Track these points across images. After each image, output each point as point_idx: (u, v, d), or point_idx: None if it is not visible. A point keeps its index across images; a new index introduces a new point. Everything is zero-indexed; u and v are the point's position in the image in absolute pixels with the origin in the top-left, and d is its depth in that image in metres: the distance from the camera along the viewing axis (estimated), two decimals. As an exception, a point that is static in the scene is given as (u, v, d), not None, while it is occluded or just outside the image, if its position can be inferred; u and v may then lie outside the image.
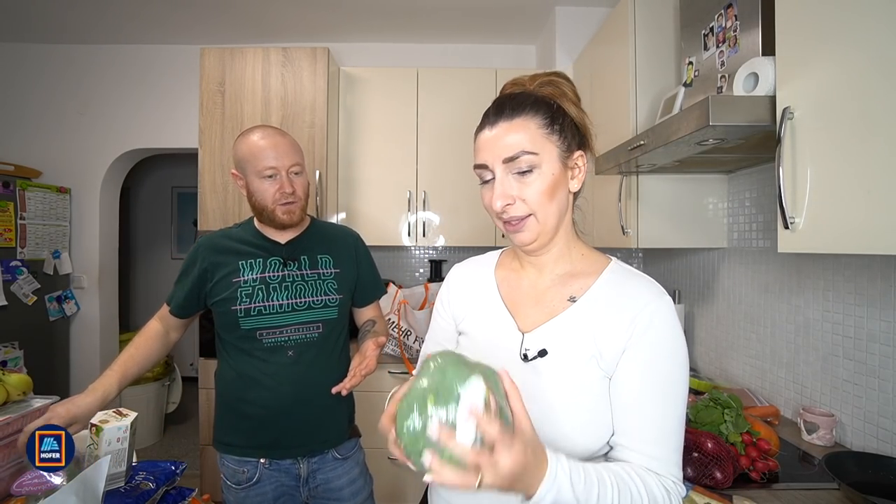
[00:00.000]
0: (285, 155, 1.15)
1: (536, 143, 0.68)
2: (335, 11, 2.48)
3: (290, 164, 1.16)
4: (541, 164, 0.68)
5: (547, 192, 0.69)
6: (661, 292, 0.69)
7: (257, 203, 1.18)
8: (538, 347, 0.71)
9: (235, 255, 1.19)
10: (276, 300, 1.17)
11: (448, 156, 2.47)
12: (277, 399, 1.17)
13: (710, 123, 1.00)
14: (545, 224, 0.71)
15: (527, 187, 0.69)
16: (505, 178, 0.69)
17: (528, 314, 0.75)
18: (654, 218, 1.73)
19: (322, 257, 1.25)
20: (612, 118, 1.86)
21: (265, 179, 1.15)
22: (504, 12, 2.47)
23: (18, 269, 2.44)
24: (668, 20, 1.69)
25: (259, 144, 1.14)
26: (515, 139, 0.68)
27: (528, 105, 0.70)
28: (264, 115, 2.25)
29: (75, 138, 2.78)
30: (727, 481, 1.03)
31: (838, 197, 0.84)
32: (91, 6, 2.39)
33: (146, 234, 4.73)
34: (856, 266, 1.25)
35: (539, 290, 0.76)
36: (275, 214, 1.17)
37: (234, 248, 1.20)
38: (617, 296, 0.70)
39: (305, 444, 1.20)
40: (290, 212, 1.18)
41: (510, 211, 0.70)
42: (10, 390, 1.00)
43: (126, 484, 0.90)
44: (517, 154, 0.68)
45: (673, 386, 0.66)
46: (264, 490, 1.19)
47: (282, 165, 1.15)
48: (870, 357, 1.20)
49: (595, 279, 0.73)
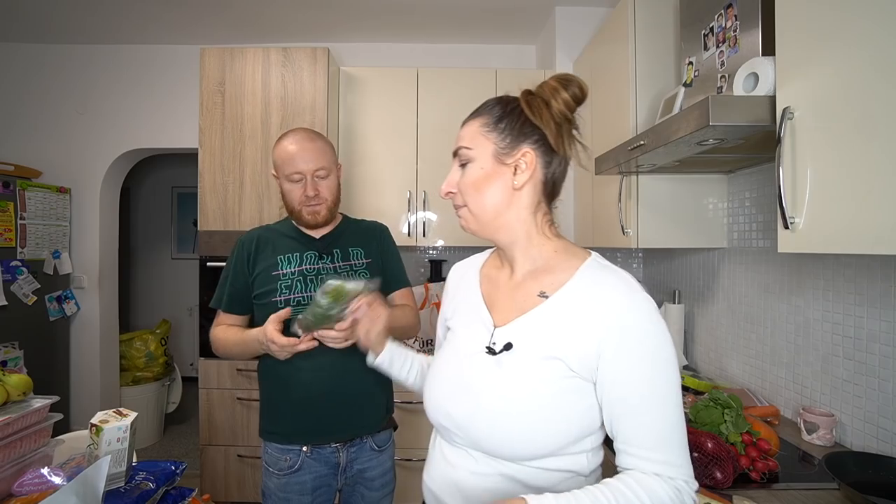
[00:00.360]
0: (311, 160, 1.23)
1: (474, 140, 0.76)
2: (335, 11, 2.48)
3: (316, 169, 1.23)
4: (474, 158, 0.76)
5: (473, 185, 0.75)
6: (634, 289, 0.67)
7: (287, 204, 1.29)
8: (504, 341, 0.72)
9: (274, 250, 1.29)
10: (313, 291, 1.24)
11: (448, 156, 2.41)
12: (317, 386, 1.22)
13: (710, 123, 1.00)
14: (479, 215, 0.76)
15: (462, 179, 0.77)
16: (455, 168, 0.79)
17: (503, 309, 0.77)
18: (654, 218, 1.73)
19: (353, 249, 1.33)
20: (612, 118, 1.86)
21: (293, 183, 1.24)
22: (504, 12, 2.47)
23: (18, 269, 2.44)
24: (668, 20, 1.69)
25: (288, 150, 1.24)
26: (462, 135, 0.78)
27: (485, 106, 0.78)
28: (264, 115, 2.25)
29: (75, 138, 2.78)
30: (727, 481, 1.03)
31: (838, 197, 0.84)
32: (91, 6, 2.39)
33: (146, 234, 4.73)
34: (856, 266, 1.25)
35: (512, 286, 0.78)
36: (301, 215, 1.26)
37: (275, 243, 1.30)
38: (589, 294, 0.68)
39: (345, 430, 1.26)
40: (315, 213, 1.26)
41: (454, 199, 0.79)
42: (10, 390, 0.99)
43: (126, 484, 0.90)
44: (457, 148, 0.78)
45: (663, 385, 0.64)
46: (304, 479, 1.24)
47: (307, 170, 1.23)
48: (870, 357, 1.20)
49: (570, 276, 0.72)
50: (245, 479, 2.24)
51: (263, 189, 2.27)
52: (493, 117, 0.75)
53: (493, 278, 0.83)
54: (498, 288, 0.81)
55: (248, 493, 2.24)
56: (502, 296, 0.79)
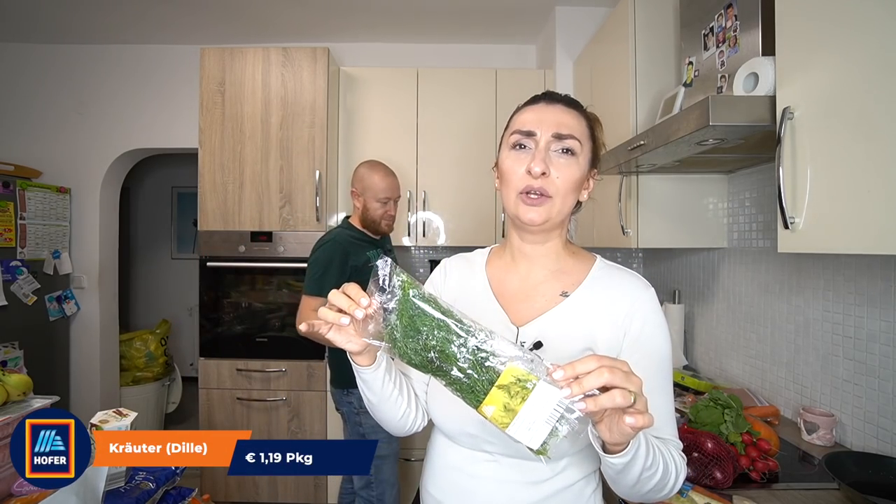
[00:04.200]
0: (396, 189, 1.80)
1: (583, 136, 0.73)
2: (335, 11, 2.48)
3: (396, 196, 1.81)
4: (579, 155, 0.72)
5: (576, 182, 0.72)
6: (647, 285, 0.75)
7: (370, 217, 1.76)
8: (533, 339, 0.72)
9: (362, 247, 1.72)
10: None
11: (448, 156, 2.47)
12: None
13: (710, 123, 1.00)
14: (559, 212, 0.73)
15: (564, 168, 0.71)
16: (547, 149, 0.71)
17: (520, 308, 0.76)
18: (654, 218, 1.73)
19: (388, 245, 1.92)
20: (612, 118, 1.86)
21: (381, 203, 1.75)
22: (504, 12, 2.47)
23: (18, 269, 2.44)
24: (668, 20, 1.69)
25: (384, 180, 1.76)
26: (572, 122, 0.72)
27: (580, 107, 0.76)
28: (264, 115, 2.25)
29: (75, 138, 2.78)
30: (727, 481, 1.03)
31: (838, 197, 0.84)
32: (92, 7, 2.39)
33: (146, 234, 4.73)
34: (856, 266, 1.24)
35: (530, 285, 0.78)
36: (380, 225, 1.77)
37: (359, 243, 1.73)
38: (607, 290, 0.75)
39: None
40: (390, 226, 1.82)
41: (543, 183, 0.70)
42: (10, 390, 0.99)
43: (126, 484, 0.90)
44: (570, 133, 0.71)
45: (668, 371, 0.72)
46: None
47: (393, 196, 1.79)
48: (870, 357, 1.20)
49: (585, 276, 0.77)
50: (245, 479, 2.24)
51: (263, 189, 2.27)
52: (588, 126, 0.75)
53: (502, 277, 0.82)
54: (510, 286, 0.79)
55: (248, 493, 2.25)
56: (517, 294, 0.78)
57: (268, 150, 2.27)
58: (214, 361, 2.25)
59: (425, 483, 0.81)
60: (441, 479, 0.78)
